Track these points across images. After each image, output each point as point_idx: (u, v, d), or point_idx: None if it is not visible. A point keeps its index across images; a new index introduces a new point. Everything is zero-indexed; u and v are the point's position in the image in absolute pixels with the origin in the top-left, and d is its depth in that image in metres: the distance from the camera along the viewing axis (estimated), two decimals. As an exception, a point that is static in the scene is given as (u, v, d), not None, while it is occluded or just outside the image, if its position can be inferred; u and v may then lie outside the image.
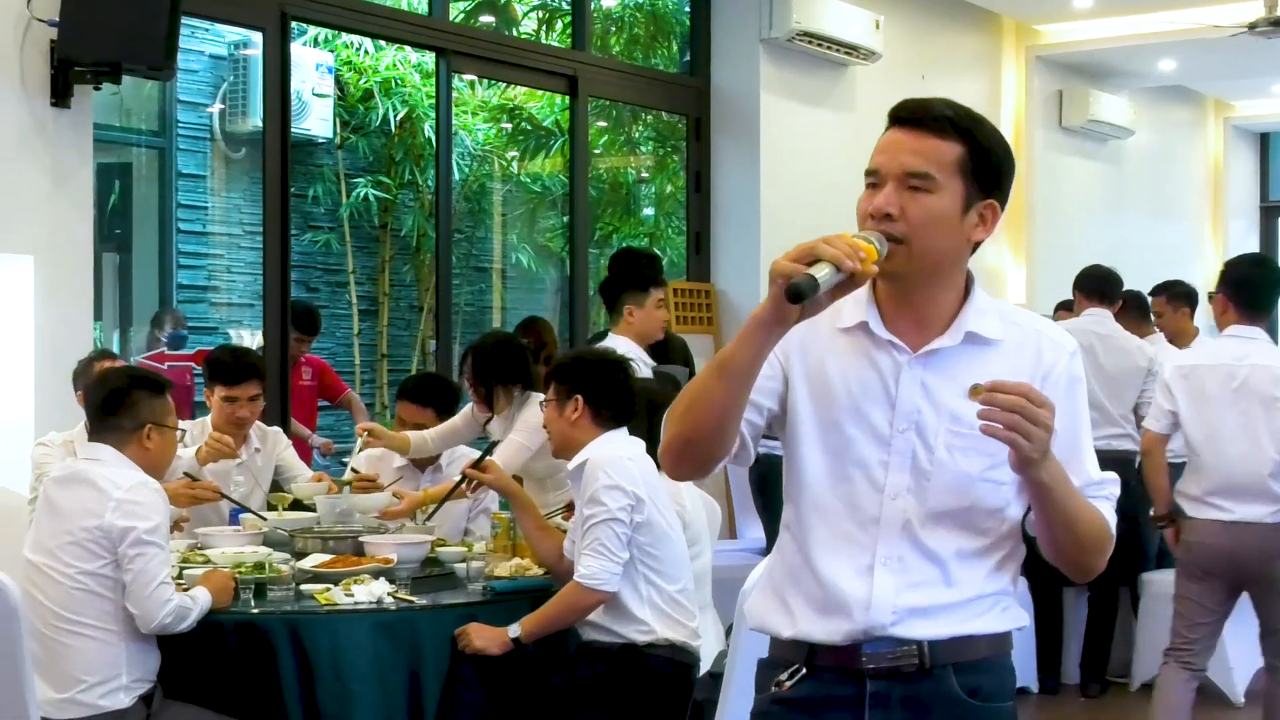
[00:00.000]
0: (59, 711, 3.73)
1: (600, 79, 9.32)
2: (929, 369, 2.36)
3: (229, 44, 11.34)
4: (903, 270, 2.33)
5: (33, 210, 5.95)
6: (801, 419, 2.41)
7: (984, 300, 2.42)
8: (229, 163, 11.76)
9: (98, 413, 4.11)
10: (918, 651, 2.35)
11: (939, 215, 2.32)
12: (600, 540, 4.09)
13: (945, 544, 2.35)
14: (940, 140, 2.34)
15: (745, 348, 2.25)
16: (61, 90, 5.94)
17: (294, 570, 4.42)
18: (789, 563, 2.45)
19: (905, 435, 2.35)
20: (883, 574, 2.35)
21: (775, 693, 2.43)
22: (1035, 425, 2.16)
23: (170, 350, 8.83)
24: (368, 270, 12.38)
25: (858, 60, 9.96)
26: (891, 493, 2.35)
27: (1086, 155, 13.12)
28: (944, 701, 2.37)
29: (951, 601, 2.36)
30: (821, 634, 2.38)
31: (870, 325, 2.38)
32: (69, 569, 3.83)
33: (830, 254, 2.16)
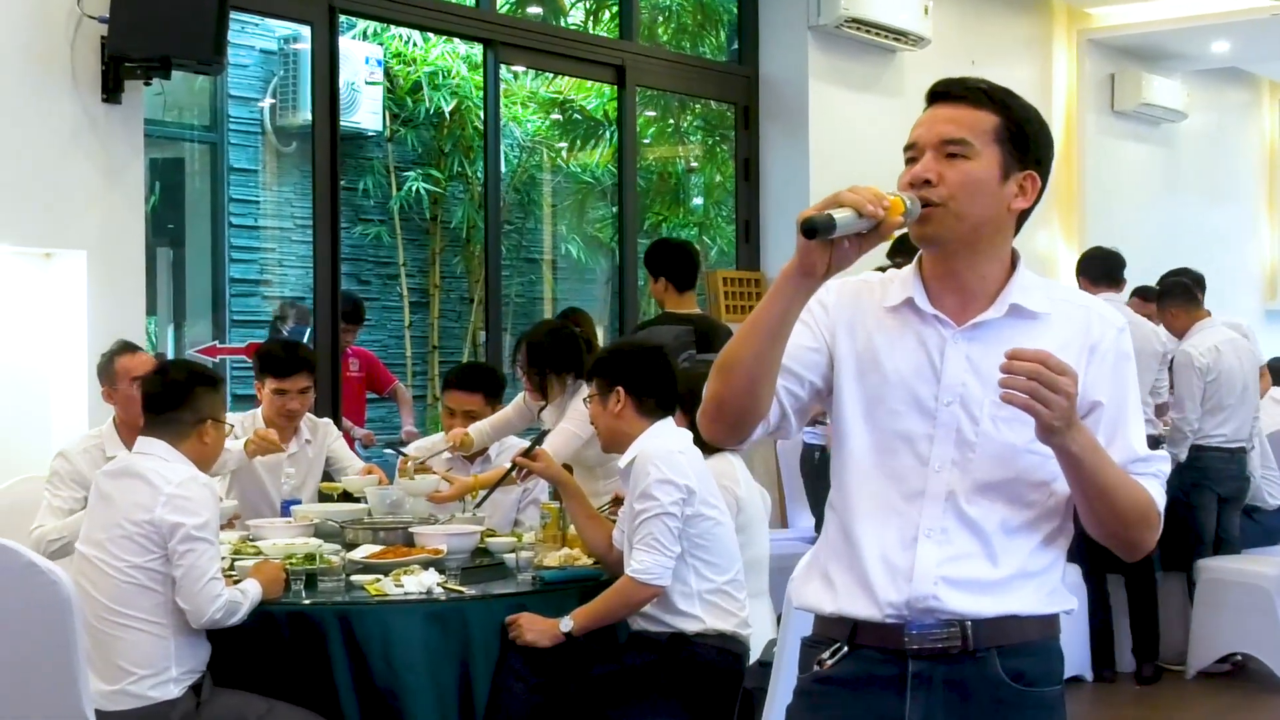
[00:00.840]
0: (110, 703, 3.76)
1: (648, 68, 9.31)
2: (974, 342, 2.37)
3: (279, 38, 11.39)
4: (944, 234, 2.34)
5: (85, 206, 6.00)
6: (847, 395, 2.42)
7: (1029, 277, 2.43)
8: (280, 157, 11.82)
9: (157, 406, 4.13)
10: (961, 632, 2.34)
11: (977, 179, 2.34)
12: (653, 535, 4.10)
13: (989, 516, 2.35)
14: (976, 110, 2.38)
15: (774, 301, 2.27)
16: (112, 86, 5.98)
17: (345, 561, 4.45)
18: (832, 539, 2.46)
19: (950, 408, 2.35)
20: (926, 545, 2.35)
21: (817, 671, 2.42)
22: (1055, 392, 2.16)
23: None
24: (418, 262, 12.42)
25: (906, 46, 9.90)
26: (936, 465, 2.35)
27: (1139, 139, 13.00)
28: (987, 684, 2.35)
29: (995, 578, 2.35)
30: (864, 609, 2.37)
31: (915, 300, 2.39)
32: (119, 562, 3.86)
33: (852, 199, 2.18)
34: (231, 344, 9.02)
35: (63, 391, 6.05)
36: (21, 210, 5.80)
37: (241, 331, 10.93)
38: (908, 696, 2.35)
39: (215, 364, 8.06)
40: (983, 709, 2.36)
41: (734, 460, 4.75)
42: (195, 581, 3.87)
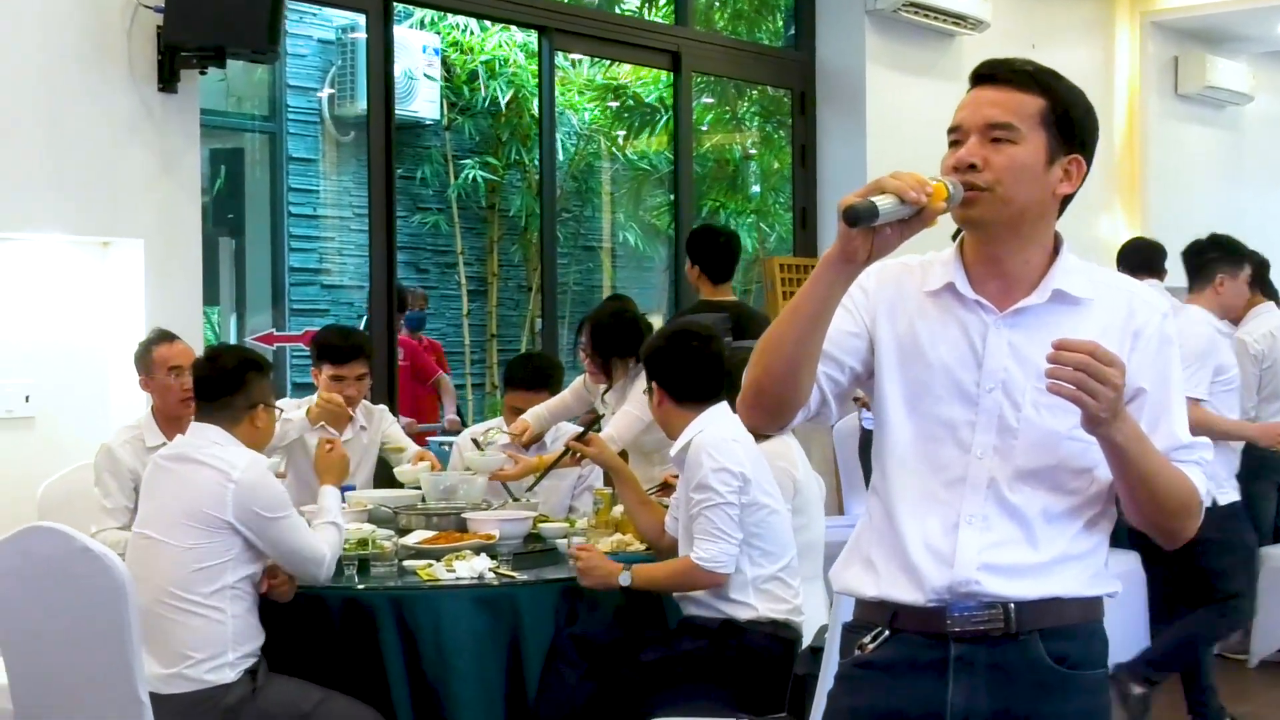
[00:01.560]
0: (166, 686, 3.79)
1: (704, 54, 9.28)
2: (1016, 328, 2.34)
3: (336, 28, 11.46)
4: (988, 218, 2.32)
5: (142, 195, 6.05)
6: (888, 381, 2.40)
7: (1072, 261, 2.40)
8: (338, 146, 11.89)
9: (209, 393, 4.16)
10: (1004, 614, 2.32)
11: (1023, 164, 2.32)
12: (714, 524, 4.10)
13: (1031, 503, 2.33)
14: (1021, 93, 2.35)
15: (815, 287, 2.25)
16: (168, 76, 6.02)
17: (397, 546, 4.47)
18: (875, 524, 2.44)
19: (992, 395, 2.33)
20: (967, 532, 2.33)
21: (858, 656, 2.41)
22: (1102, 384, 2.14)
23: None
24: (476, 251, 12.47)
25: (965, 30, 9.83)
26: (978, 452, 2.33)
27: (1204, 123, 12.84)
28: (1030, 667, 2.34)
29: (1036, 562, 2.33)
30: (905, 593, 2.36)
31: (957, 286, 2.37)
32: (181, 546, 3.89)
33: (894, 185, 2.16)
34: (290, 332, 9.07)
35: (120, 379, 6.10)
36: (79, 200, 5.85)
37: (300, 320, 11.00)
38: (950, 680, 2.34)
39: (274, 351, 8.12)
40: (1026, 692, 2.34)
41: (790, 442, 4.73)
42: (295, 556, 3.99)
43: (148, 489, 4.08)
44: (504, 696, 4.10)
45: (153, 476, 4.08)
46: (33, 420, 5.86)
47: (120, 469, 4.81)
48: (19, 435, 5.81)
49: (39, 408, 5.87)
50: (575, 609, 4.25)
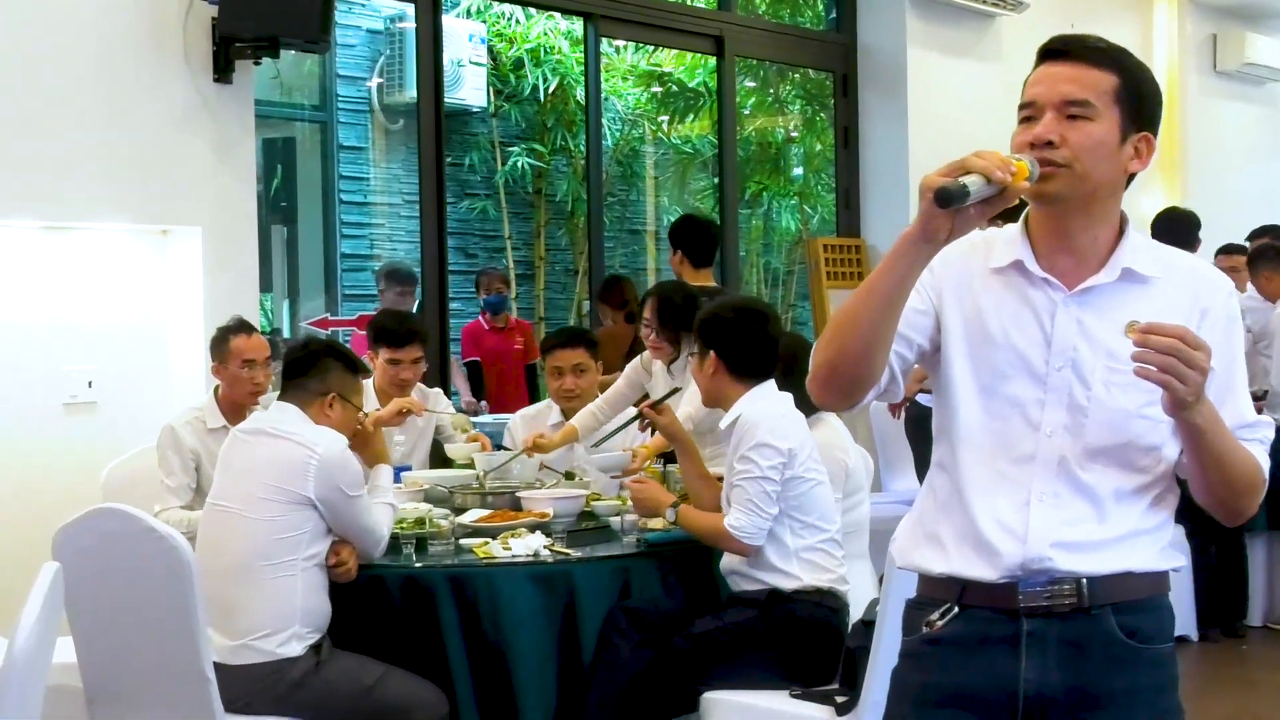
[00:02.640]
0: (233, 657, 3.82)
1: (747, 38, 9.26)
2: (1085, 306, 2.31)
3: (385, 18, 11.48)
4: (1064, 193, 2.28)
5: (199, 183, 6.08)
6: (955, 358, 2.37)
7: (1139, 239, 2.37)
8: (388, 134, 11.92)
9: (291, 372, 4.21)
10: (1075, 590, 2.29)
11: (1100, 141, 2.28)
12: (750, 496, 4.11)
13: (1102, 481, 2.30)
14: (1097, 70, 2.30)
15: (893, 267, 2.22)
16: (223, 66, 6.05)
17: (454, 525, 4.48)
18: (941, 500, 2.40)
19: (1062, 373, 2.30)
20: (1039, 509, 2.30)
21: (927, 633, 2.38)
22: (1191, 368, 2.10)
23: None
24: (524, 235, 12.49)
25: (1005, 10, 9.76)
26: (1048, 430, 2.31)
27: (1243, 99, 12.72)
28: (1102, 642, 2.31)
29: (1110, 537, 2.30)
30: (975, 570, 2.33)
31: (1025, 263, 2.34)
32: (259, 518, 3.91)
33: (980, 165, 2.14)
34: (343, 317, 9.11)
35: (180, 365, 6.15)
36: (139, 189, 5.89)
37: (352, 305, 11.05)
38: (1022, 654, 2.31)
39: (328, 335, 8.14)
40: (1098, 666, 2.31)
41: (839, 428, 4.74)
42: (363, 534, 4.05)
43: (224, 461, 4.10)
44: (559, 669, 4.11)
45: (230, 450, 4.10)
46: (95, 405, 5.91)
47: (182, 448, 4.85)
48: (83, 420, 5.86)
49: (101, 393, 5.92)
50: (628, 584, 4.26)
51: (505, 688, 4.02)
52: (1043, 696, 2.30)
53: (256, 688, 3.83)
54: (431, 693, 3.97)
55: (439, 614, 4.03)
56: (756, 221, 12.51)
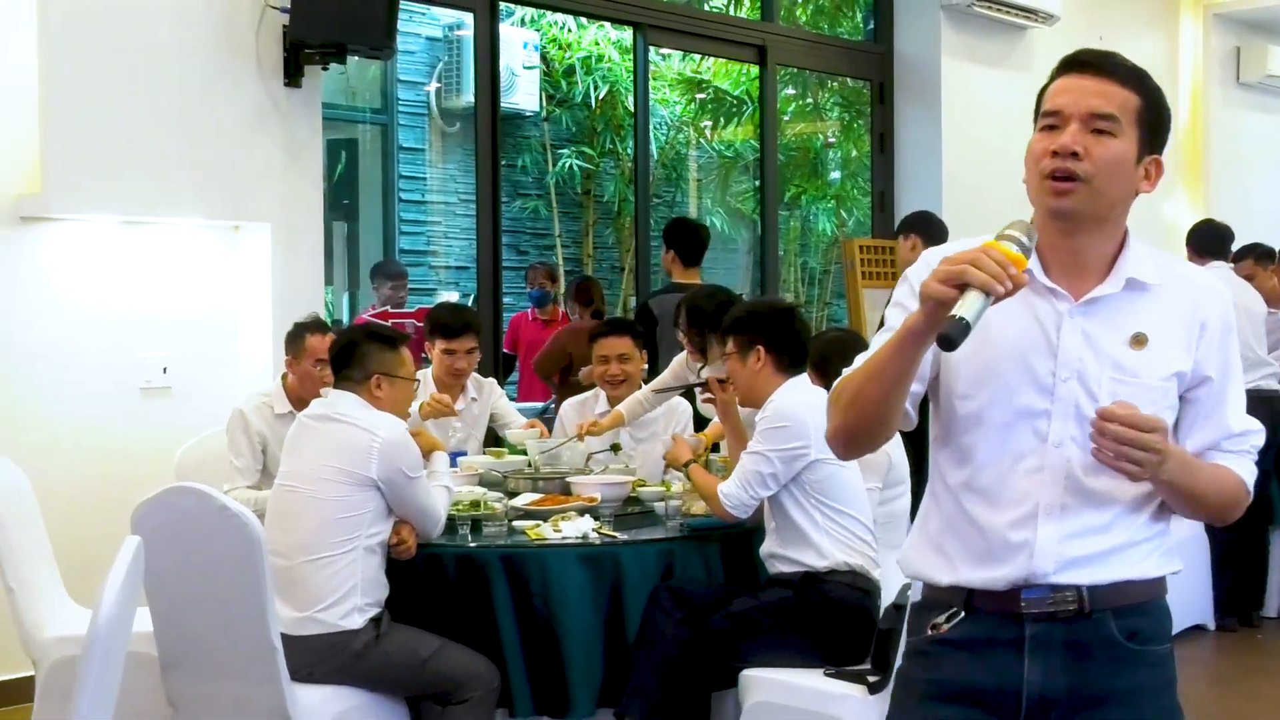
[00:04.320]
0: (298, 628, 3.85)
1: (788, 48, 9.26)
2: (1090, 317, 2.24)
3: (444, 26, 11.52)
4: (1081, 209, 2.21)
5: (269, 182, 6.13)
6: (960, 371, 2.28)
7: (1140, 248, 2.31)
8: (445, 136, 11.96)
9: (336, 364, 4.24)
10: (1076, 597, 2.24)
11: (1120, 158, 2.21)
12: (747, 471, 4.17)
13: (1109, 491, 2.24)
14: (1123, 88, 2.23)
15: (898, 358, 2.16)
16: (293, 71, 6.10)
17: (507, 508, 4.51)
18: (946, 513, 2.33)
19: (1068, 384, 2.22)
20: (1046, 523, 2.23)
21: (933, 634, 2.32)
22: (1144, 450, 2.10)
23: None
24: (572, 234, 12.51)
25: (1036, 22, 9.72)
26: (1055, 441, 2.23)
27: (1265, 110, 12.60)
28: (1104, 644, 2.26)
29: (1113, 546, 2.25)
30: (981, 581, 2.27)
31: (1034, 273, 2.23)
32: (325, 498, 3.94)
33: (981, 280, 2.03)
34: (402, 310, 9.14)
35: (249, 352, 6.20)
36: (212, 186, 5.94)
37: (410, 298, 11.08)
38: (1026, 657, 2.26)
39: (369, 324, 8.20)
40: (1100, 667, 2.26)
41: None
42: (421, 514, 4.09)
43: (291, 445, 4.13)
44: (605, 645, 4.13)
45: (297, 434, 4.14)
46: (169, 390, 5.96)
47: (250, 431, 4.89)
48: (157, 404, 5.91)
49: (175, 379, 5.98)
50: (671, 566, 4.28)
51: (555, 662, 4.05)
52: (1045, 698, 2.26)
53: (320, 657, 3.87)
54: (484, 666, 4.00)
55: (492, 591, 4.06)
56: (795, 223, 12.50)
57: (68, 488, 5.45)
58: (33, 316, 5.58)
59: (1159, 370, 2.24)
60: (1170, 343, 2.25)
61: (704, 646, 4.14)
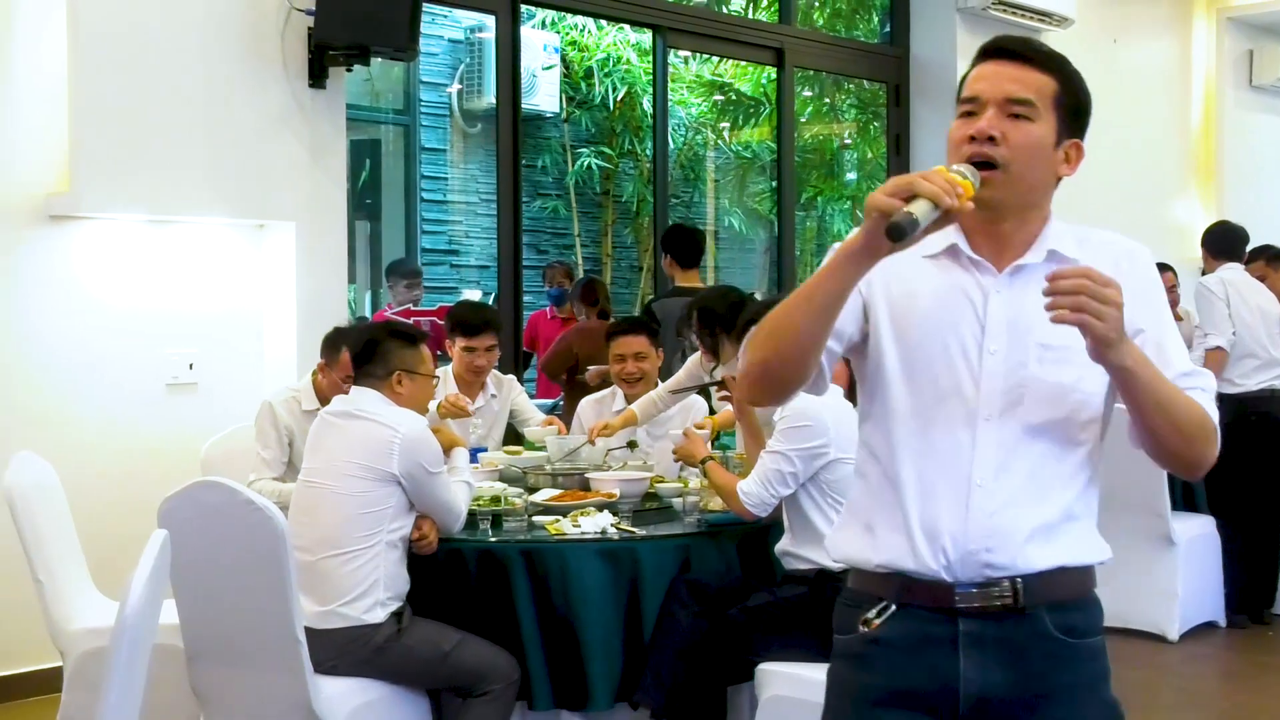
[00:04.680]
0: (321, 622, 3.86)
1: (805, 50, 9.25)
2: (1015, 287, 2.20)
3: (465, 28, 11.53)
4: (1000, 199, 2.18)
5: (294, 182, 6.14)
6: (886, 345, 2.24)
7: (1061, 225, 2.28)
8: (466, 137, 11.97)
9: (357, 360, 4.23)
10: (1011, 589, 2.17)
11: (1037, 142, 2.18)
12: (768, 470, 4.14)
13: (1040, 461, 2.18)
14: (1040, 73, 2.21)
15: (833, 279, 2.09)
16: (318, 73, 6.11)
17: (527, 503, 4.51)
18: (874, 489, 2.27)
19: (996, 355, 2.18)
20: (979, 495, 2.16)
21: (866, 633, 2.22)
22: (1104, 304, 1.99)
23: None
24: (591, 233, 12.52)
25: (1050, 25, 9.69)
26: (985, 413, 2.17)
27: (1278, 113, 12.56)
28: (1039, 640, 2.19)
29: (1044, 522, 2.18)
30: (911, 562, 2.19)
31: (959, 246, 2.22)
32: (348, 494, 3.93)
33: (929, 190, 1.99)
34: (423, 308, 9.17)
35: (274, 349, 6.21)
36: (238, 186, 5.95)
37: (431, 296, 11.09)
38: (960, 654, 2.18)
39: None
40: (1036, 664, 2.19)
41: None
42: (442, 509, 4.08)
43: (315, 442, 4.13)
44: (623, 638, 4.12)
45: (320, 430, 4.14)
46: (196, 386, 5.98)
47: (278, 423, 4.89)
48: (184, 399, 5.93)
49: (201, 375, 5.99)
50: (689, 562, 4.27)
51: (574, 656, 4.05)
52: (984, 695, 2.19)
53: (342, 651, 3.87)
54: (504, 659, 4.00)
55: (512, 585, 4.06)
56: (811, 224, 12.49)
57: (95, 482, 5.47)
58: (61, 313, 5.60)
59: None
60: None
61: (720, 639, 4.13)
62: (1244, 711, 5.57)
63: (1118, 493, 6.33)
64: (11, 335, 5.48)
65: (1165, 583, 6.44)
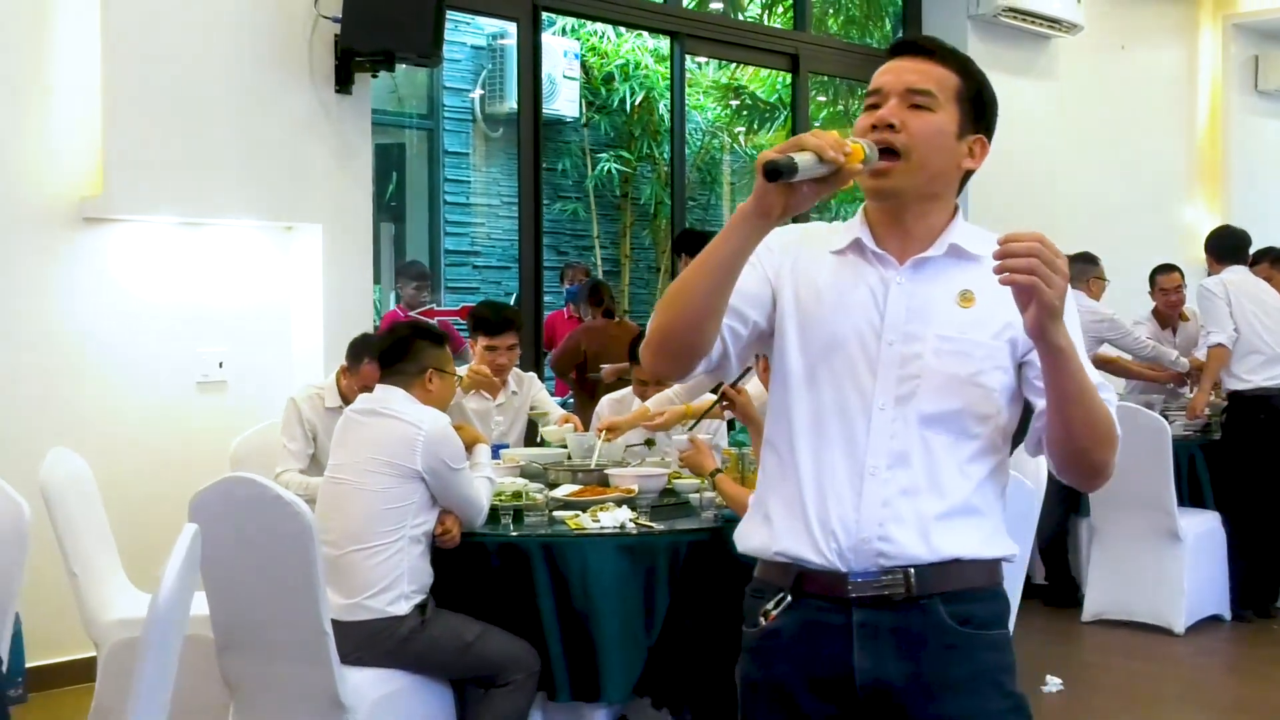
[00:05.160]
0: (347, 615, 3.86)
1: (820, 56, 9.23)
2: (916, 280, 2.19)
3: (487, 35, 11.55)
4: (900, 186, 2.17)
5: (321, 185, 6.16)
6: (790, 336, 2.22)
7: (968, 225, 2.26)
8: (488, 141, 11.99)
9: (386, 359, 4.23)
10: (904, 579, 2.13)
11: (937, 130, 2.18)
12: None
13: (935, 450, 2.15)
14: (941, 67, 2.22)
15: (728, 240, 2.06)
16: (344, 79, 6.13)
17: (547, 499, 4.51)
18: (772, 479, 2.24)
19: (894, 346, 2.16)
20: (872, 483, 2.14)
21: (764, 625, 2.21)
22: (1055, 272, 1.92)
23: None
24: (610, 235, 12.52)
25: (1060, 32, 9.67)
26: (881, 402, 2.15)
27: (1283, 117, 12.52)
28: (936, 631, 2.14)
29: (939, 512, 2.14)
30: (806, 549, 2.15)
31: (863, 240, 2.22)
32: (372, 490, 3.94)
33: (814, 144, 1.99)
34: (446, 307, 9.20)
35: (301, 347, 6.23)
36: (266, 189, 5.97)
37: (454, 297, 11.14)
38: (855, 645, 2.15)
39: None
40: (933, 654, 2.15)
41: None
42: (464, 503, 4.08)
43: (340, 439, 4.14)
44: (640, 633, 4.11)
45: (344, 428, 4.15)
46: (225, 384, 6.00)
47: (302, 419, 4.91)
48: (214, 397, 5.95)
49: (231, 373, 6.02)
50: (705, 555, 4.26)
51: (591, 648, 4.05)
52: (880, 683, 2.14)
53: (368, 642, 3.88)
54: (525, 650, 4.00)
55: (534, 579, 4.05)
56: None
57: (128, 477, 5.50)
58: (95, 314, 5.62)
59: (988, 327, 2.16)
60: (998, 302, 2.07)
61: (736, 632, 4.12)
62: (1249, 704, 5.55)
63: (1125, 490, 6.37)
64: (47, 334, 5.50)
65: (1171, 577, 6.42)
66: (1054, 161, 9.77)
